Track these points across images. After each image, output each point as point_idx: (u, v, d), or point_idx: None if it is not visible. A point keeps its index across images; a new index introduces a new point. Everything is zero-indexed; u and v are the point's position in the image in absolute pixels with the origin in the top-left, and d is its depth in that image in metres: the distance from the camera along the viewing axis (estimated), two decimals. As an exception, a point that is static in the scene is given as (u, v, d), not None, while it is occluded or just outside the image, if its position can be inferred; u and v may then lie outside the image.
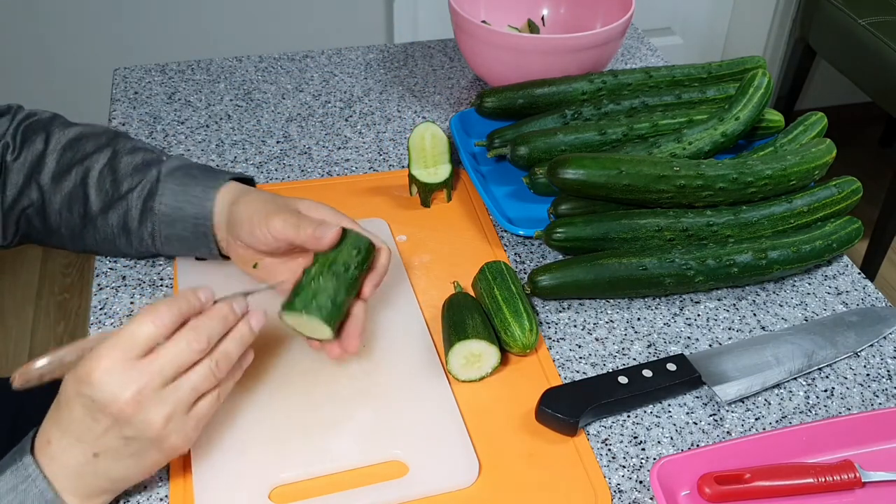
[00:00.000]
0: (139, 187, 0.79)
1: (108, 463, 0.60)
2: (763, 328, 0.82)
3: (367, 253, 0.72)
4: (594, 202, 0.87)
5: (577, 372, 0.77)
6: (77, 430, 0.59)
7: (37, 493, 0.59)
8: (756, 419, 0.73)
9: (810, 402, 0.75)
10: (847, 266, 0.90)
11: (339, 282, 0.69)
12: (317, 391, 0.72)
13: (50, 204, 0.80)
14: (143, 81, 1.16)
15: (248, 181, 0.83)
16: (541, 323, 0.82)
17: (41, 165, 0.80)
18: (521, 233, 0.88)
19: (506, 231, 0.92)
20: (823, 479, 0.66)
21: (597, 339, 0.80)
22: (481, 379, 0.75)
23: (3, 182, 0.80)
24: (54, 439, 0.60)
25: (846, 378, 0.78)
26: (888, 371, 0.78)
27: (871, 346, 0.81)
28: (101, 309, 0.81)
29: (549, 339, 0.80)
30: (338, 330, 0.70)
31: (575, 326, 0.81)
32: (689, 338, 0.81)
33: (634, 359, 0.78)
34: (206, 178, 0.79)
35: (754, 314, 0.84)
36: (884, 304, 0.85)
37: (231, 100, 1.12)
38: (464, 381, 0.75)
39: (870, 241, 2.04)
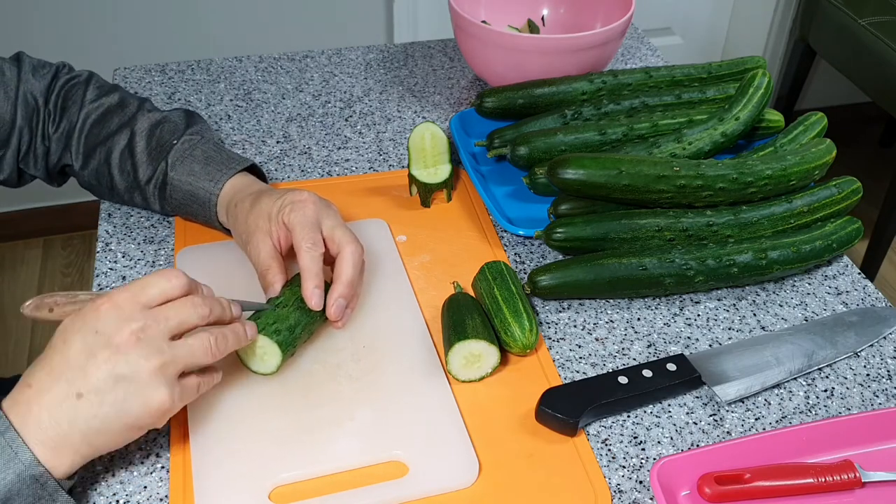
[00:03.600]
0: (154, 179, 0.86)
1: (88, 407, 0.58)
2: (763, 328, 0.82)
3: None
4: (594, 202, 0.87)
5: (577, 372, 0.77)
6: (68, 369, 0.59)
7: (3, 443, 0.57)
8: (756, 419, 0.73)
9: (810, 402, 0.75)
10: (847, 266, 0.90)
11: (301, 315, 0.72)
12: (317, 391, 0.72)
13: (81, 174, 0.89)
14: (143, 81, 1.16)
15: (251, 166, 0.88)
16: (541, 323, 0.82)
17: (71, 141, 0.88)
18: (521, 233, 0.88)
19: (506, 231, 0.92)
20: (823, 479, 0.66)
21: (597, 340, 0.80)
22: (481, 379, 0.75)
23: (48, 148, 0.89)
24: (37, 381, 0.59)
25: (846, 378, 0.78)
26: (888, 371, 0.78)
27: (871, 346, 0.81)
28: (101, 309, 0.81)
29: (549, 339, 0.80)
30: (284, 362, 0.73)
31: (575, 326, 0.81)
32: (689, 338, 0.81)
33: (634, 359, 0.78)
34: (206, 177, 0.84)
35: (754, 314, 0.84)
36: (884, 305, 0.85)
37: (231, 100, 1.12)
38: (464, 382, 0.75)
39: (870, 241, 2.04)
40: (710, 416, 0.73)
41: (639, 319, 0.82)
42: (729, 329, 0.82)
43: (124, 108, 0.88)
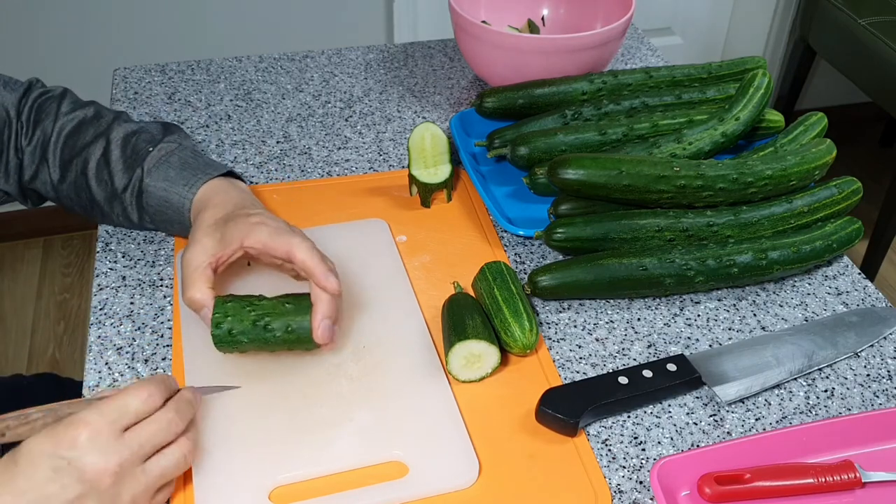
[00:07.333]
0: (130, 186, 0.84)
1: None
2: (763, 328, 0.82)
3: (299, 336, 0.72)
4: (594, 202, 0.87)
5: (578, 372, 0.77)
6: (33, 495, 0.55)
7: None
8: (756, 419, 0.73)
9: (810, 402, 0.75)
10: (847, 266, 0.90)
11: (256, 312, 0.71)
12: (317, 391, 0.72)
13: (59, 188, 0.86)
14: (143, 81, 1.16)
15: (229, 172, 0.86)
16: (541, 323, 0.82)
17: (47, 153, 0.85)
18: (521, 233, 0.88)
19: (506, 231, 0.92)
20: (823, 480, 0.66)
21: (597, 340, 0.80)
22: (481, 379, 0.75)
23: (21, 162, 0.86)
24: None
25: (846, 378, 0.78)
26: (888, 371, 0.78)
27: (872, 346, 0.81)
28: (101, 309, 0.81)
29: (550, 339, 0.80)
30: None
31: (575, 327, 0.81)
32: (689, 338, 0.81)
33: (634, 359, 0.78)
34: (181, 181, 0.82)
35: (754, 314, 0.84)
36: (884, 305, 0.85)
37: (231, 100, 1.12)
38: (464, 382, 0.75)
39: (870, 241, 2.04)
40: (711, 416, 0.73)
41: (639, 320, 0.82)
42: (729, 329, 0.82)
43: (99, 120, 0.86)
